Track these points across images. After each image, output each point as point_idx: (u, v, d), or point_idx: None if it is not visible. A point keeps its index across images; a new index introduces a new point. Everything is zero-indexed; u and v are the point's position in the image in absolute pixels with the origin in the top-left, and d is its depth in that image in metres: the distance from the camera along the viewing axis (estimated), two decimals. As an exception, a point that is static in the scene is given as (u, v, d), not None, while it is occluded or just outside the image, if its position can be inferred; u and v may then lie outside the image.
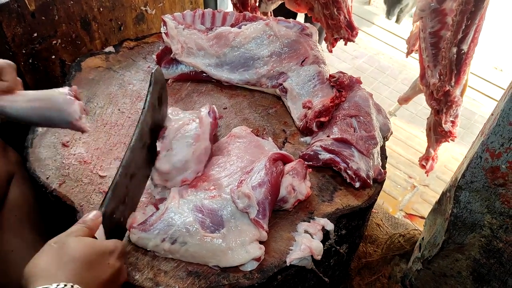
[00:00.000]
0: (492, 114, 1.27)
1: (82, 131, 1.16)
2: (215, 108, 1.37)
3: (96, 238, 0.93)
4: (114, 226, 1.02)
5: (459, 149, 3.07)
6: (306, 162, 1.29)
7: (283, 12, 2.19)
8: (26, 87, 1.63)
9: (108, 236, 0.97)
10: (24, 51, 1.57)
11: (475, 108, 3.52)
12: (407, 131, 3.20)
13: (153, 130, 1.18)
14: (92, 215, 0.95)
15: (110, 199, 1.00)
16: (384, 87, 3.62)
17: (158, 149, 1.24)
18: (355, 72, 3.68)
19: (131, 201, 1.12)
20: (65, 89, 1.14)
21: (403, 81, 3.69)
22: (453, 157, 3.03)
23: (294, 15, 2.93)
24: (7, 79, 1.10)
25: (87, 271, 0.83)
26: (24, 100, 1.10)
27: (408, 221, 2.33)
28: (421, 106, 3.35)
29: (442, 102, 1.63)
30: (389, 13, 4.34)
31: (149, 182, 1.20)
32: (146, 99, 1.14)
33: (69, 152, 1.32)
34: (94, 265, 0.85)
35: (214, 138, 1.38)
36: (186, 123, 1.25)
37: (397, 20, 4.45)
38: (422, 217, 2.57)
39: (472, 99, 3.60)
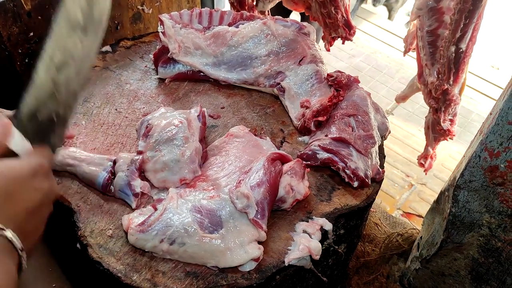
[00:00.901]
0: (490, 113, 1.27)
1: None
2: (205, 112, 1.36)
3: (14, 152, 0.78)
4: (40, 128, 0.87)
5: (456, 147, 3.07)
6: (304, 162, 1.29)
7: (278, 10, 2.19)
8: (23, 86, 1.63)
9: (33, 141, 0.83)
10: (20, 51, 1.56)
11: (472, 106, 3.53)
12: (405, 130, 3.21)
13: (88, 7, 0.98)
14: None
15: (28, 97, 0.85)
16: (381, 86, 3.63)
17: (140, 148, 1.24)
18: (352, 71, 3.68)
19: (67, 96, 0.93)
20: None
21: (400, 79, 3.70)
22: (450, 155, 3.03)
23: (288, 14, 2.93)
24: None
25: (8, 204, 0.70)
26: None
27: (406, 220, 2.33)
28: (418, 105, 3.36)
29: (440, 101, 1.62)
30: (375, 0, 4.29)
31: (140, 182, 1.19)
32: None
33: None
34: (16, 195, 0.72)
35: (206, 140, 1.39)
36: (172, 123, 1.25)
37: (390, 17, 4.44)
38: (419, 216, 2.57)
39: (469, 98, 3.60)
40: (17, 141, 0.80)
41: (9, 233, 0.68)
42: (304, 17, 2.90)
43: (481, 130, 1.30)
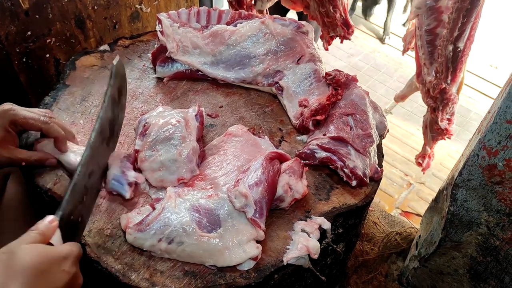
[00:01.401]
0: (489, 112, 1.27)
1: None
2: (203, 111, 1.36)
3: (52, 244, 0.89)
4: (71, 227, 0.98)
5: (454, 146, 3.08)
6: (302, 161, 1.29)
7: (275, 9, 2.19)
8: (21, 86, 1.63)
9: (64, 238, 0.93)
10: (18, 50, 1.56)
11: (470, 105, 3.54)
12: (403, 129, 3.21)
13: (111, 123, 1.15)
14: (47, 221, 0.90)
15: (68, 201, 0.96)
16: (380, 85, 3.63)
17: (137, 147, 1.24)
18: (350, 70, 3.68)
19: (90, 199, 1.07)
20: None
21: (398, 79, 3.70)
22: (449, 154, 3.04)
23: (285, 13, 2.94)
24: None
25: (40, 280, 0.80)
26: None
27: (405, 219, 2.33)
28: (416, 104, 3.36)
29: (438, 100, 1.63)
30: (365, 14, 4.34)
31: (134, 173, 1.20)
32: (106, 92, 1.10)
33: (64, 152, 1.31)
34: (47, 274, 0.81)
35: (204, 139, 1.39)
36: (169, 122, 1.25)
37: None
38: (418, 215, 2.57)
39: (468, 97, 3.61)
40: (57, 238, 0.91)
41: None
42: (301, 17, 2.90)
43: (479, 128, 1.30)
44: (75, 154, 1.18)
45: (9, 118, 1.08)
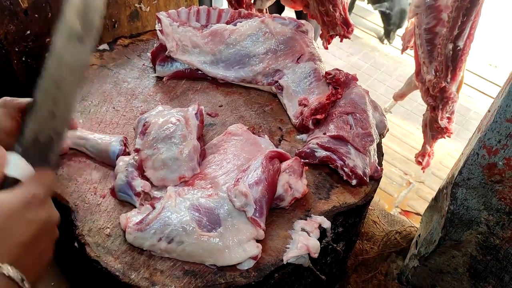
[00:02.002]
0: (489, 111, 1.27)
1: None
2: (203, 109, 1.36)
3: (11, 176, 0.77)
4: (41, 149, 0.86)
5: (454, 145, 3.08)
6: (302, 160, 1.29)
7: (271, 7, 2.19)
8: (20, 85, 1.63)
9: (35, 163, 0.82)
10: (17, 49, 1.56)
11: (470, 104, 3.54)
12: (403, 128, 3.21)
13: (85, 14, 0.96)
14: None
15: (30, 123, 0.84)
16: (379, 84, 3.63)
17: (137, 146, 1.23)
18: (350, 69, 3.68)
19: (63, 110, 0.92)
20: None
21: (398, 77, 3.70)
22: (448, 153, 3.04)
23: (281, 11, 2.94)
24: None
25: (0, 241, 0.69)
26: None
27: (405, 218, 2.33)
28: (416, 103, 3.36)
29: (438, 99, 1.63)
30: (388, 37, 4.22)
31: (141, 181, 1.19)
32: None
33: (63, 151, 1.31)
34: (7, 231, 0.70)
35: (204, 138, 1.39)
36: (169, 121, 1.25)
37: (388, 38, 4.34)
38: (417, 214, 2.58)
39: (467, 96, 3.61)
40: (16, 167, 0.79)
41: (5, 269, 0.67)
42: (299, 16, 2.90)
43: (479, 127, 1.30)
44: (81, 133, 1.20)
45: (15, 107, 1.05)
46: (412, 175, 2.84)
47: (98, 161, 1.28)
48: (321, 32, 1.90)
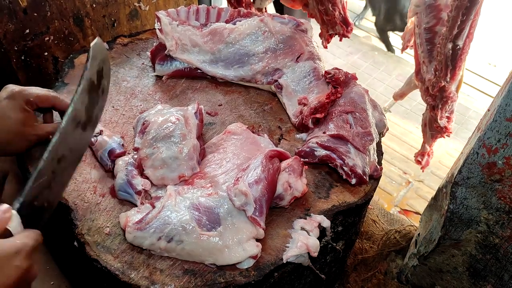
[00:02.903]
0: (488, 110, 1.27)
1: None
2: (202, 109, 1.36)
3: (9, 230, 0.85)
4: (34, 213, 0.94)
5: (453, 144, 3.08)
6: (302, 159, 1.29)
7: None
8: (19, 84, 1.62)
9: (26, 224, 0.90)
10: (16, 48, 1.56)
11: (469, 103, 3.54)
12: (402, 127, 3.21)
13: (89, 107, 1.09)
14: (1, 211, 0.85)
15: (31, 188, 0.92)
16: (378, 83, 3.62)
17: (136, 145, 1.24)
18: (349, 68, 3.68)
19: (59, 185, 1.03)
20: None
21: (397, 77, 3.70)
22: (447, 152, 3.04)
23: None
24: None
25: None
26: None
27: (404, 217, 2.33)
28: (415, 102, 3.36)
29: (437, 98, 1.62)
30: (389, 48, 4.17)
31: (141, 180, 1.19)
32: (82, 75, 1.06)
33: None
34: None
35: (203, 137, 1.39)
36: (169, 120, 1.25)
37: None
38: (417, 213, 2.57)
39: (466, 95, 3.61)
40: (15, 224, 0.87)
41: None
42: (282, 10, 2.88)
43: (479, 126, 1.30)
44: None
45: (24, 99, 1.12)
46: (411, 174, 2.84)
47: (98, 160, 1.28)
48: (320, 31, 1.90)
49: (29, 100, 1.13)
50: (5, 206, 0.87)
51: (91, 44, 1.08)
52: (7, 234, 0.85)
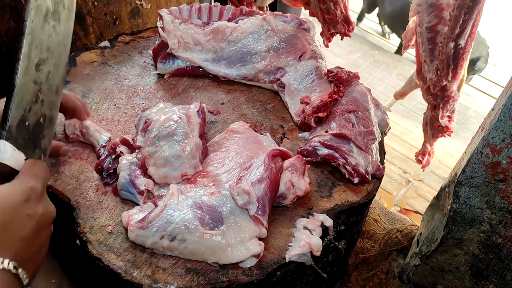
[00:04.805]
0: (493, 109, 1.27)
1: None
2: (205, 107, 1.35)
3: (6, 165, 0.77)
4: (31, 133, 0.84)
5: (453, 144, 3.08)
6: (304, 158, 1.28)
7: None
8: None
9: (25, 149, 0.81)
10: (17, 46, 1.55)
11: (469, 103, 3.54)
12: (402, 126, 3.21)
13: None
14: None
15: (12, 109, 0.81)
16: (379, 82, 3.63)
17: (138, 143, 1.23)
18: (350, 67, 3.67)
19: (50, 93, 0.90)
20: None
21: (398, 76, 3.70)
22: (447, 152, 3.04)
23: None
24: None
25: (2, 235, 0.70)
26: None
27: (405, 216, 2.33)
28: (416, 101, 3.36)
29: (439, 97, 1.63)
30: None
31: (144, 179, 1.19)
32: None
33: (64, 148, 1.30)
34: (9, 225, 0.71)
35: (205, 136, 1.38)
36: (171, 118, 1.24)
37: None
38: (417, 212, 2.58)
39: (467, 95, 3.61)
40: (7, 154, 0.78)
41: (5, 264, 0.68)
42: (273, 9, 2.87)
43: (482, 126, 1.30)
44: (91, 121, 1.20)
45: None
46: (411, 173, 2.84)
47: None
48: (321, 30, 1.90)
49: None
50: None
51: None
52: (3, 168, 0.77)
